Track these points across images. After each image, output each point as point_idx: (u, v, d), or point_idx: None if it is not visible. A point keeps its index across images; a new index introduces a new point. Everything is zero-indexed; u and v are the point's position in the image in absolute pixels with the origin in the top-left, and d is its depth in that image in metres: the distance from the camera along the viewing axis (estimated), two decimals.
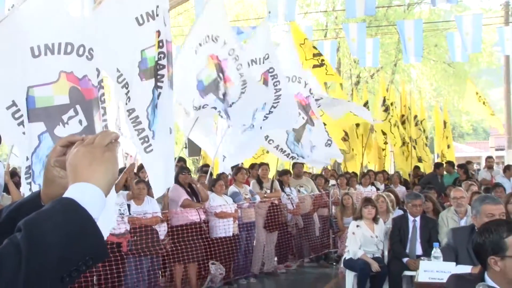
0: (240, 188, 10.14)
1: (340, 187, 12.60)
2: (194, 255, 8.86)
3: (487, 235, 2.95)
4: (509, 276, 2.85)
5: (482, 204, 4.96)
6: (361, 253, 7.71)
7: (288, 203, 11.08)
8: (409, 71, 28.93)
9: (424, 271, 4.67)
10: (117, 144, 1.47)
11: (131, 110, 7.85)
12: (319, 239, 11.93)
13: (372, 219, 7.95)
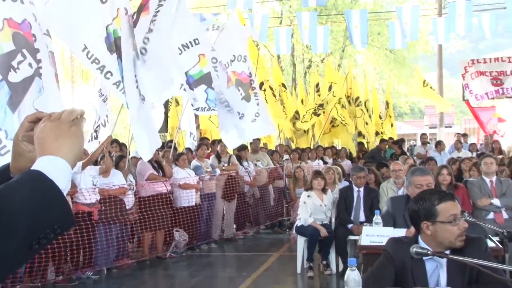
0: (201, 162, 10.16)
1: (292, 161, 12.68)
2: (160, 223, 8.87)
3: (421, 203, 2.99)
4: (438, 239, 2.91)
5: (412, 175, 5.04)
6: (311, 220, 7.77)
7: (245, 176, 11.11)
8: (355, 57, 29.12)
9: (366, 236, 4.72)
10: (82, 120, 1.44)
11: (118, 83, 7.73)
12: (274, 208, 12.01)
13: (321, 190, 7.99)
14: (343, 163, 12.91)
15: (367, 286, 2.64)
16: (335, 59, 27.40)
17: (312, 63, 27.75)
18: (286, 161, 12.77)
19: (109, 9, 7.54)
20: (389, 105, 19.17)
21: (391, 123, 18.69)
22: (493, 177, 7.73)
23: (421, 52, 28.65)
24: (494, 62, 18.42)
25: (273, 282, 7.64)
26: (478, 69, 18.10)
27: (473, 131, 26.00)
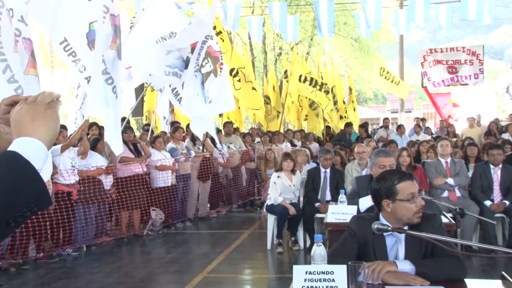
0: (177, 145, 10.13)
1: (264, 144, 12.69)
2: (137, 202, 8.85)
3: (382, 182, 3.02)
4: (397, 216, 2.95)
5: (376, 157, 5.09)
6: (280, 200, 7.80)
7: (219, 158, 11.12)
8: (323, 45, 29.14)
9: (331, 213, 4.76)
10: (58, 103, 1.42)
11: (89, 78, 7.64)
12: (246, 188, 12.05)
13: (290, 171, 8.02)
14: (311, 146, 12.97)
15: (332, 260, 2.66)
16: (304, 47, 27.38)
17: (282, 51, 27.71)
18: (257, 144, 12.81)
19: (94, 7, 7.44)
20: (352, 91, 19.26)
21: (354, 107, 18.80)
22: (448, 158, 7.87)
23: (384, 41, 28.81)
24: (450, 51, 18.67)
25: (245, 257, 7.68)
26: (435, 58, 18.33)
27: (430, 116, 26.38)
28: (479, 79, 18.30)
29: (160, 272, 7.00)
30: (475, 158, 8.67)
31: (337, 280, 2.45)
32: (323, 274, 2.47)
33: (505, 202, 7.30)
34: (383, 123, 16.88)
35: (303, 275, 2.48)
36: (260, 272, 7.17)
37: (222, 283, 6.46)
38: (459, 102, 19.02)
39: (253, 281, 6.74)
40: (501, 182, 7.42)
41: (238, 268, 7.15)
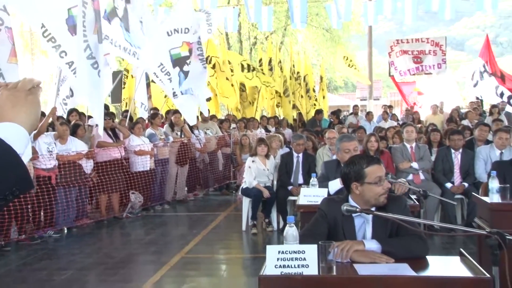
0: (156, 130, 10.08)
1: (239, 130, 12.69)
2: (116, 186, 8.80)
3: (352, 166, 3.05)
4: (365, 198, 2.98)
5: (340, 142, 5.12)
6: (255, 183, 7.82)
7: (196, 143, 11.10)
8: (296, 35, 29.12)
9: (303, 196, 4.77)
10: (39, 89, 1.40)
11: (70, 63, 7.52)
12: (222, 172, 12.05)
13: (265, 156, 8.04)
14: (285, 132, 13.03)
15: (303, 240, 2.68)
16: (277, 37, 27.33)
17: (257, 40, 27.62)
18: (233, 129, 12.81)
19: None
20: (323, 79, 19.30)
21: (323, 95, 18.87)
22: (413, 143, 7.96)
23: (354, 32, 28.93)
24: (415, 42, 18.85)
25: (221, 238, 7.69)
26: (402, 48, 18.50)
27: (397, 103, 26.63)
28: (442, 69, 18.54)
29: (139, 253, 6.98)
30: (438, 143, 8.80)
31: (308, 259, 2.47)
32: (295, 253, 2.49)
33: (464, 184, 7.43)
34: (353, 110, 17.00)
35: (276, 254, 2.49)
36: (236, 252, 7.19)
37: (199, 263, 6.47)
38: (423, 90, 19.22)
39: (228, 260, 6.76)
40: (461, 165, 7.54)
41: (215, 248, 7.16)
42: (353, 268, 2.61)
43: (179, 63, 9.92)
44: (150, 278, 5.77)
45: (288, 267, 2.47)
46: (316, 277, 2.44)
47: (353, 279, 2.49)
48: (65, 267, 6.26)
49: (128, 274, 6.07)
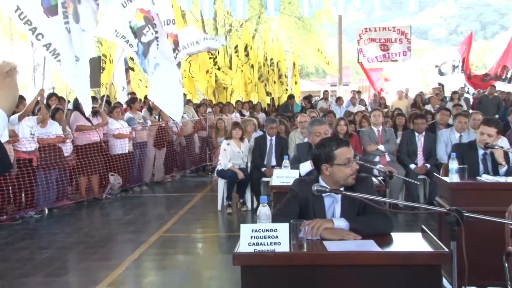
0: (134, 114, 9.99)
1: (215, 114, 12.65)
2: (95, 168, 8.71)
3: (322, 148, 3.06)
4: (335, 178, 3.00)
5: (312, 126, 5.14)
6: (230, 165, 7.82)
7: (173, 126, 11.03)
8: (269, 23, 28.97)
9: (276, 177, 4.79)
10: (16, 72, 1.36)
11: (48, 45, 7.33)
12: (198, 154, 12.02)
13: (239, 139, 8.03)
14: (259, 116, 13.03)
15: (276, 219, 2.70)
16: (252, 24, 27.16)
17: (232, 28, 27.41)
18: (209, 113, 12.78)
19: None
20: (295, 65, 19.32)
21: (296, 81, 18.90)
22: (380, 127, 8.05)
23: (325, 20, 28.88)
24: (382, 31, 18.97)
25: (197, 218, 7.69)
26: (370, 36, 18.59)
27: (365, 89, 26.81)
28: (407, 56, 18.71)
29: (118, 232, 6.94)
30: (403, 127, 8.90)
31: (280, 237, 2.48)
32: (267, 231, 2.50)
33: (426, 165, 7.56)
34: (323, 95, 17.07)
35: (249, 233, 2.50)
36: (211, 231, 7.21)
37: (177, 242, 6.47)
38: (390, 76, 19.38)
39: (205, 239, 6.77)
40: (423, 148, 7.66)
41: (191, 227, 7.16)
42: (323, 245, 2.64)
43: (138, 34, 9.42)
44: (129, 256, 5.75)
45: (261, 244, 2.48)
46: (287, 254, 2.46)
47: (323, 255, 2.52)
48: (46, 246, 6.20)
49: (108, 252, 6.04)
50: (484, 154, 4.86)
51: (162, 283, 5.06)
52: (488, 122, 4.95)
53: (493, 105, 13.53)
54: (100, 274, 5.17)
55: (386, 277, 2.43)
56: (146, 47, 9.11)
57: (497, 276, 3.38)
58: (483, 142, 4.80)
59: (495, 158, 4.81)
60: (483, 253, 3.33)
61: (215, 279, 5.12)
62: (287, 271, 2.46)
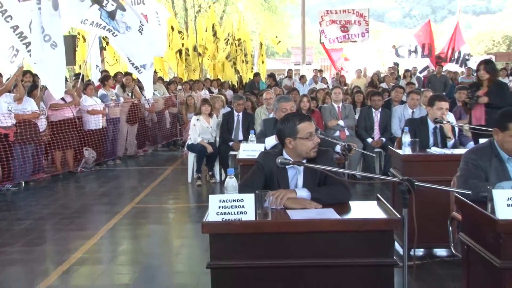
0: (107, 92, 9.79)
1: (185, 91, 12.51)
2: (70, 143, 8.55)
3: (286, 123, 3.06)
4: (298, 151, 3.01)
5: (279, 102, 5.15)
6: (199, 140, 7.78)
7: (145, 103, 10.89)
8: (237, 4, 28.62)
9: (243, 151, 4.79)
10: None
11: (15, 27, 7.09)
12: (169, 130, 11.93)
13: (208, 114, 8.00)
14: (226, 93, 12.94)
15: (242, 190, 2.71)
16: (220, 5, 26.78)
17: (201, 9, 26.99)
18: (179, 91, 12.64)
19: None
20: (262, 45, 19.19)
21: (262, 60, 18.81)
22: (340, 103, 8.11)
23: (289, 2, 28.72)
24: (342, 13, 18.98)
25: (169, 190, 7.67)
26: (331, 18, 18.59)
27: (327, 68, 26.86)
28: (366, 38, 18.80)
29: (93, 203, 6.87)
30: (361, 103, 8.99)
31: (246, 207, 2.49)
32: (234, 202, 2.50)
33: (382, 139, 7.68)
34: (288, 74, 17.07)
35: (217, 203, 2.50)
36: (182, 202, 7.20)
37: (149, 212, 6.44)
38: (349, 56, 19.46)
39: (175, 209, 6.76)
40: (380, 123, 7.77)
41: (163, 199, 7.13)
42: (286, 213, 2.67)
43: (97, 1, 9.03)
44: (103, 226, 5.72)
45: (228, 214, 2.49)
46: (253, 222, 2.47)
47: (286, 223, 2.54)
48: (23, 217, 6.09)
49: (83, 223, 5.98)
50: (434, 128, 4.96)
51: (136, 251, 5.05)
52: (443, 98, 5.08)
53: (441, 83, 13.78)
54: (76, 243, 5.13)
55: (344, 242, 2.48)
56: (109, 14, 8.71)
57: (442, 239, 3.49)
58: (443, 116, 4.89)
59: (444, 132, 4.92)
60: (430, 219, 3.43)
61: (185, 247, 5.14)
62: (253, 239, 2.48)
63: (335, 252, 2.48)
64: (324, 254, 2.48)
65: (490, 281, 2.55)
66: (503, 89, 6.31)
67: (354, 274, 2.48)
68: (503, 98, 6.01)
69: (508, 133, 2.96)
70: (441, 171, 4.00)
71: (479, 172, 3.01)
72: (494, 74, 6.32)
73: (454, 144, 4.90)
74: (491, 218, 2.45)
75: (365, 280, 2.48)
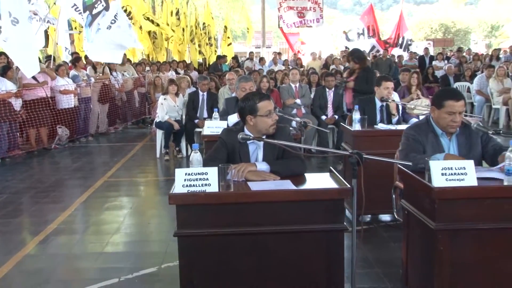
0: (79, 72, 9.50)
1: (152, 72, 12.27)
2: (44, 121, 8.28)
3: (247, 101, 3.03)
4: (258, 128, 3.00)
5: (239, 82, 5.10)
6: (167, 117, 7.68)
7: (115, 83, 10.65)
8: None
9: (207, 128, 4.74)
10: None
11: None
12: (138, 108, 11.71)
13: (175, 94, 7.89)
14: (192, 74, 12.76)
15: (206, 164, 2.69)
16: None
17: None
18: (147, 72, 12.40)
19: None
20: (227, 29, 18.94)
21: (228, 43, 18.60)
22: (297, 83, 8.12)
23: None
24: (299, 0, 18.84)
25: (138, 164, 7.56)
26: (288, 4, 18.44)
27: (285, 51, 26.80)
28: (320, 23, 18.76)
29: (67, 178, 6.71)
30: (316, 84, 9.03)
31: (210, 179, 2.48)
32: (199, 175, 2.48)
33: (335, 116, 7.75)
34: (249, 56, 16.94)
35: (183, 176, 2.48)
36: (151, 175, 7.11)
37: (120, 185, 6.35)
38: (305, 40, 19.44)
39: (145, 183, 6.68)
40: (333, 101, 7.83)
41: (133, 173, 7.03)
42: (247, 185, 2.66)
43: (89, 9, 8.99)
44: (77, 199, 5.61)
45: (194, 186, 2.47)
46: (216, 194, 2.47)
47: (247, 194, 2.54)
48: (0, 192, 5.90)
49: (58, 196, 5.84)
50: (381, 106, 5.04)
51: (108, 221, 4.98)
52: (388, 78, 5.16)
53: (386, 65, 13.96)
54: (51, 215, 5.02)
55: (300, 210, 2.50)
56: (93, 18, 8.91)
57: (387, 205, 3.58)
58: (388, 95, 4.98)
59: (389, 110, 5.01)
60: (376, 188, 3.50)
61: (155, 217, 5.11)
62: (216, 209, 2.47)
63: (291, 219, 2.50)
64: (282, 221, 2.50)
65: (426, 241, 2.64)
66: (369, 75, 6.70)
67: (309, 239, 2.52)
68: (368, 84, 6.36)
69: (443, 110, 3.03)
70: (387, 145, 4.07)
71: (418, 146, 3.09)
72: (362, 63, 6.79)
73: (398, 121, 5.00)
74: (427, 186, 2.53)
75: (319, 244, 2.52)
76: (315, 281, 2.53)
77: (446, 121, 3.03)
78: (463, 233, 2.51)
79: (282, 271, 2.52)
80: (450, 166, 2.51)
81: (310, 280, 2.53)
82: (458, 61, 14.58)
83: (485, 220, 2.51)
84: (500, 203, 2.51)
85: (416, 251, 2.81)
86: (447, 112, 3.00)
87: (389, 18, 41.30)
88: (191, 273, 2.50)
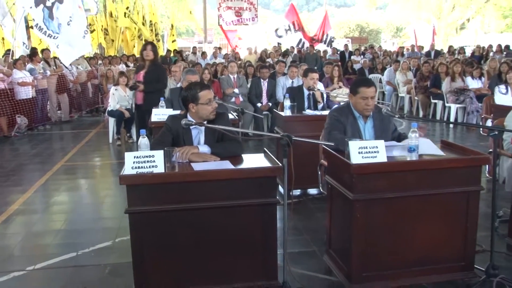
0: (35, 66, 8.92)
1: (104, 65, 11.70)
2: (3, 111, 7.71)
3: (189, 91, 2.94)
4: (199, 115, 2.91)
5: (186, 74, 4.91)
6: (118, 106, 7.37)
7: (70, 76, 10.08)
8: None
9: (155, 115, 4.58)
10: None
11: None
12: (92, 98, 11.19)
13: (125, 85, 7.58)
14: None
15: (153, 147, 2.59)
16: None
17: None
18: (100, 65, 11.82)
19: None
20: (173, 26, 18.40)
21: (173, 40, 18.08)
22: (235, 75, 8.03)
23: None
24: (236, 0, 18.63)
25: (93, 150, 7.20)
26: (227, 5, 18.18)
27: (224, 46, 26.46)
28: (255, 21, 18.68)
29: (27, 163, 6.28)
30: (252, 75, 8.97)
31: (157, 161, 2.39)
32: (147, 157, 2.39)
33: (269, 104, 7.76)
34: (192, 51, 16.58)
35: (132, 159, 2.38)
36: (105, 159, 6.80)
37: (77, 169, 6.03)
38: (242, 36, 19.30)
39: (100, 166, 6.39)
40: (267, 90, 7.83)
41: (88, 157, 6.70)
42: (190, 166, 2.59)
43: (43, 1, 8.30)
44: (37, 182, 5.28)
45: (142, 167, 2.38)
46: (162, 174, 2.38)
47: (190, 173, 2.47)
48: None
49: (19, 179, 5.47)
50: (309, 94, 5.09)
51: (66, 201, 4.73)
52: (314, 70, 5.22)
53: (313, 59, 14.18)
54: (12, 197, 4.71)
55: (238, 187, 2.47)
56: (50, 10, 8.21)
57: (313, 181, 3.63)
58: (314, 85, 5.01)
59: (315, 98, 5.06)
60: (305, 165, 3.53)
61: (108, 197, 4.90)
62: (163, 188, 2.39)
63: (230, 195, 2.46)
64: (222, 197, 2.46)
65: (345, 210, 2.70)
66: (159, 71, 5.94)
67: (246, 212, 2.50)
68: (159, 82, 5.82)
69: (358, 95, 3.09)
70: (313, 128, 4.11)
71: (340, 125, 3.13)
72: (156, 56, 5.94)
73: (323, 107, 5.07)
74: (347, 163, 2.57)
75: (255, 216, 2.51)
76: (253, 248, 2.52)
77: (361, 105, 3.09)
78: (375, 201, 2.58)
79: (223, 242, 2.49)
80: (365, 146, 2.56)
81: (248, 248, 2.52)
82: (372, 56, 15.07)
83: (393, 190, 2.59)
84: (405, 175, 2.60)
85: (337, 219, 2.87)
86: (361, 97, 3.07)
87: (314, 18, 41.93)
88: (141, 245, 2.43)
